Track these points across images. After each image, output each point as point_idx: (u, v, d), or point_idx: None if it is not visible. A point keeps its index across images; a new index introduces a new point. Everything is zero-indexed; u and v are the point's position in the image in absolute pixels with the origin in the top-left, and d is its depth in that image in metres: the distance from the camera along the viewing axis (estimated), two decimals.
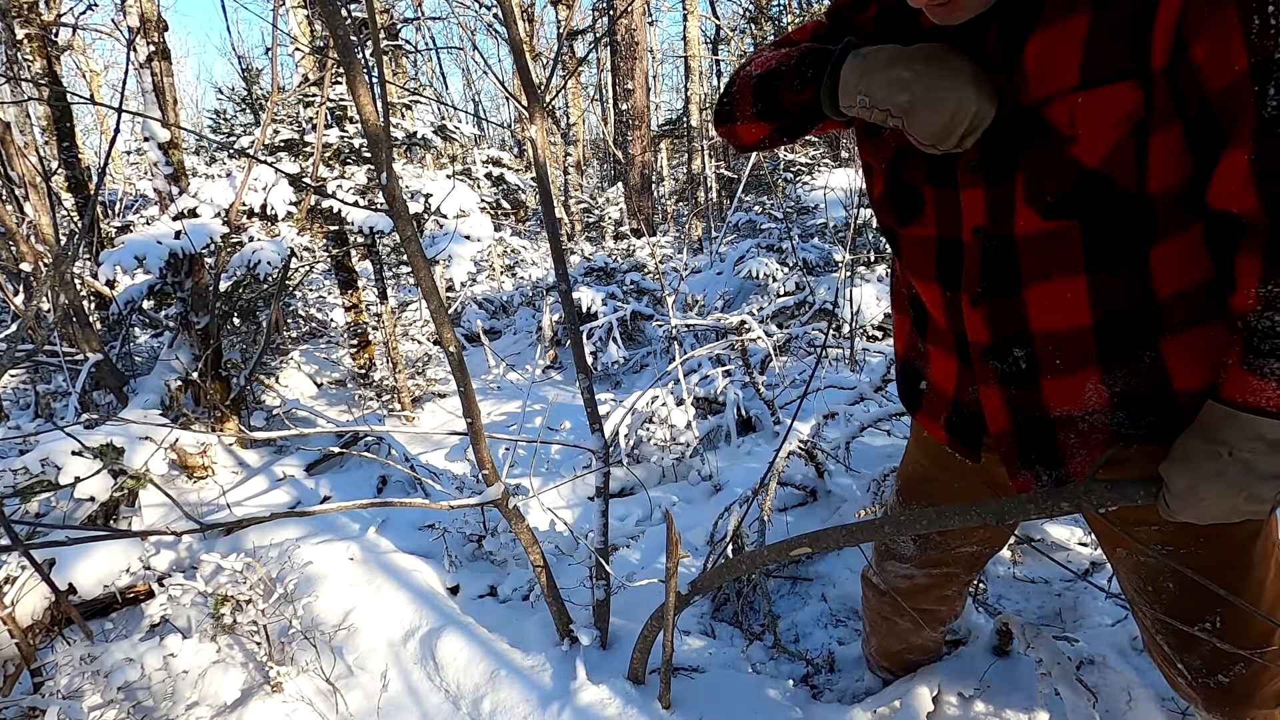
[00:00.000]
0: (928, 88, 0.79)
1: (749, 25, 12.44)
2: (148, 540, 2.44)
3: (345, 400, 5.12)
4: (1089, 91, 0.75)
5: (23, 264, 3.52)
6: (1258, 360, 0.73)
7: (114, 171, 13.41)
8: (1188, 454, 0.79)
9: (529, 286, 7.03)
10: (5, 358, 1.69)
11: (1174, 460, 0.80)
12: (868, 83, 0.84)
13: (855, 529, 1.13)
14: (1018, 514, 0.95)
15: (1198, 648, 0.99)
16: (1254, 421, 0.74)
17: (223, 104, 11.39)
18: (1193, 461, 0.78)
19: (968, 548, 1.25)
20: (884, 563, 1.36)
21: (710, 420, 3.39)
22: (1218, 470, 0.76)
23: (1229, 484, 0.75)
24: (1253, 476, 0.74)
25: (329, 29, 1.36)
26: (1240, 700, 1.00)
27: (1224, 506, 0.77)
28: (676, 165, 16.30)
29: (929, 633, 1.48)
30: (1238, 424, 0.75)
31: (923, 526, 1.05)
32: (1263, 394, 0.73)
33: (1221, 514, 0.78)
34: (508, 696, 1.80)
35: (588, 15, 13.58)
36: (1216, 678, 1.00)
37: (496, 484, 1.71)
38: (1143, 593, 1.03)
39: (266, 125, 3.97)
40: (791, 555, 1.22)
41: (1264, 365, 0.73)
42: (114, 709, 1.66)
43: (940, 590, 1.35)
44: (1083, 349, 0.87)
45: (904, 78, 0.81)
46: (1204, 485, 0.77)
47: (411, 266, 1.49)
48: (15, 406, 4.41)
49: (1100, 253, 0.82)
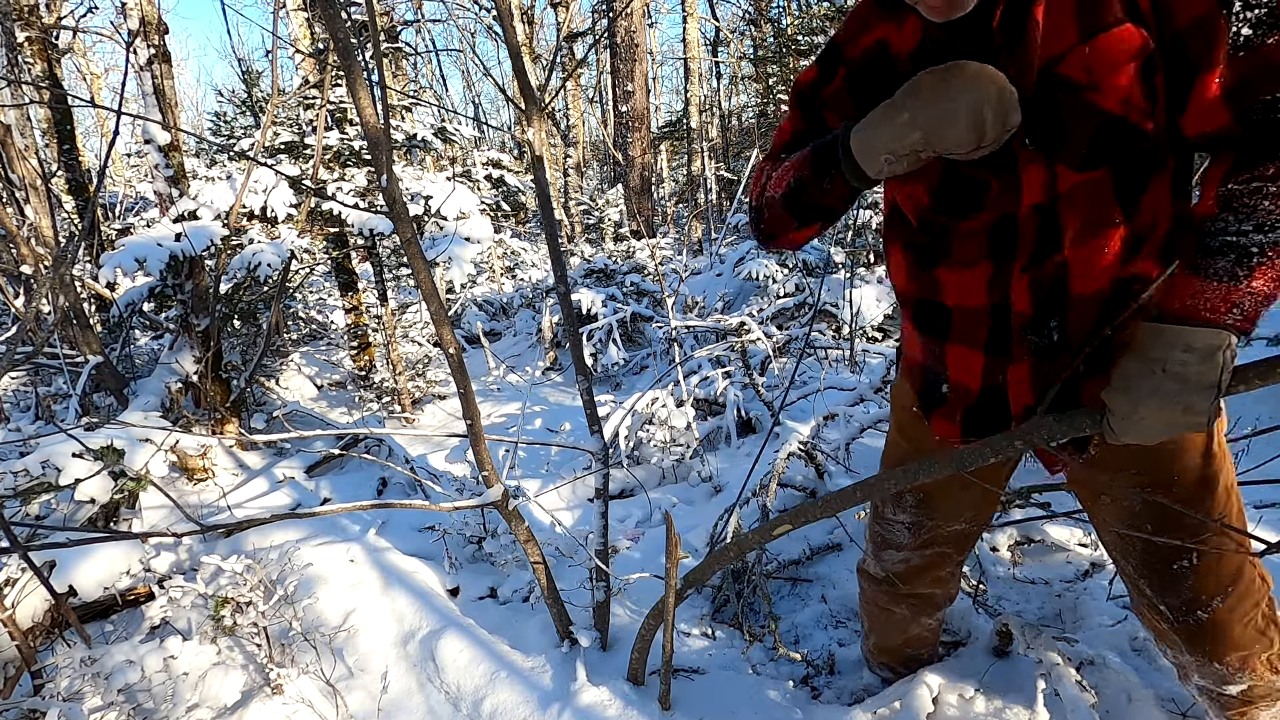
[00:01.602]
0: (930, 114, 0.80)
1: (748, 27, 12.46)
2: (148, 542, 2.44)
3: (345, 402, 5.12)
4: (1091, 40, 0.78)
5: (23, 266, 3.53)
6: (1205, 260, 0.78)
7: (114, 174, 13.42)
8: (1124, 376, 0.82)
9: (529, 288, 7.04)
10: (5, 360, 1.69)
11: (1113, 385, 0.84)
12: (880, 144, 0.85)
13: (829, 500, 1.17)
14: (976, 460, 0.98)
15: (1177, 586, 1.04)
16: (1181, 332, 0.78)
17: (223, 106, 11.42)
18: (1130, 382, 0.81)
19: (957, 525, 1.28)
20: (881, 553, 1.39)
21: (710, 422, 3.39)
22: (1153, 388, 0.79)
23: (1165, 399, 0.79)
24: (1187, 389, 0.77)
25: (329, 31, 1.37)
26: (1221, 637, 1.05)
27: (1163, 422, 0.80)
28: (676, 167, 16.32)
29: (926, 620, 1.50)
30: (1167, 338, 0.79)
31: (891, 486, 1.08)
32: (1201, 296, 0.78)
33: (1162, 430, 0.81)
34: (508, 698, 1.80)
35: (587, 17, 13.60)
36: (1196, 614, 1.04)
37: (496, 485, 1.71)
38: (1127, 539, 1.07)
39: (266, 128, 3.97)
40: (774, 534, 1.24)
41: (1211, 264, 0.77)
42: (114, 711, 1.66)
43: (934, 571, 1.37)
44: (1104, 314, 0.91)
45: (905, 120, 0.81)
46: (1143, 404, 0.80)
47: (412, 268, 1.50)
48: (15, 409, 4.41)
49: (1129, 198, 0.85)
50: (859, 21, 0.98)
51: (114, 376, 3.43)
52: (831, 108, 1.02)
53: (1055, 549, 2.07)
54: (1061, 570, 2.02)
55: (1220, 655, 1.06)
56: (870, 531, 1.41)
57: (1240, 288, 0.77)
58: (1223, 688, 1.10)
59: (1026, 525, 2.10)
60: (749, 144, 11.91)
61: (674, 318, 3.98)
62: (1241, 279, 0.76)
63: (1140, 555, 1.06)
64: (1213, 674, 1.09)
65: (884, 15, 0.95)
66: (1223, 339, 0.77)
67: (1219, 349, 0.77)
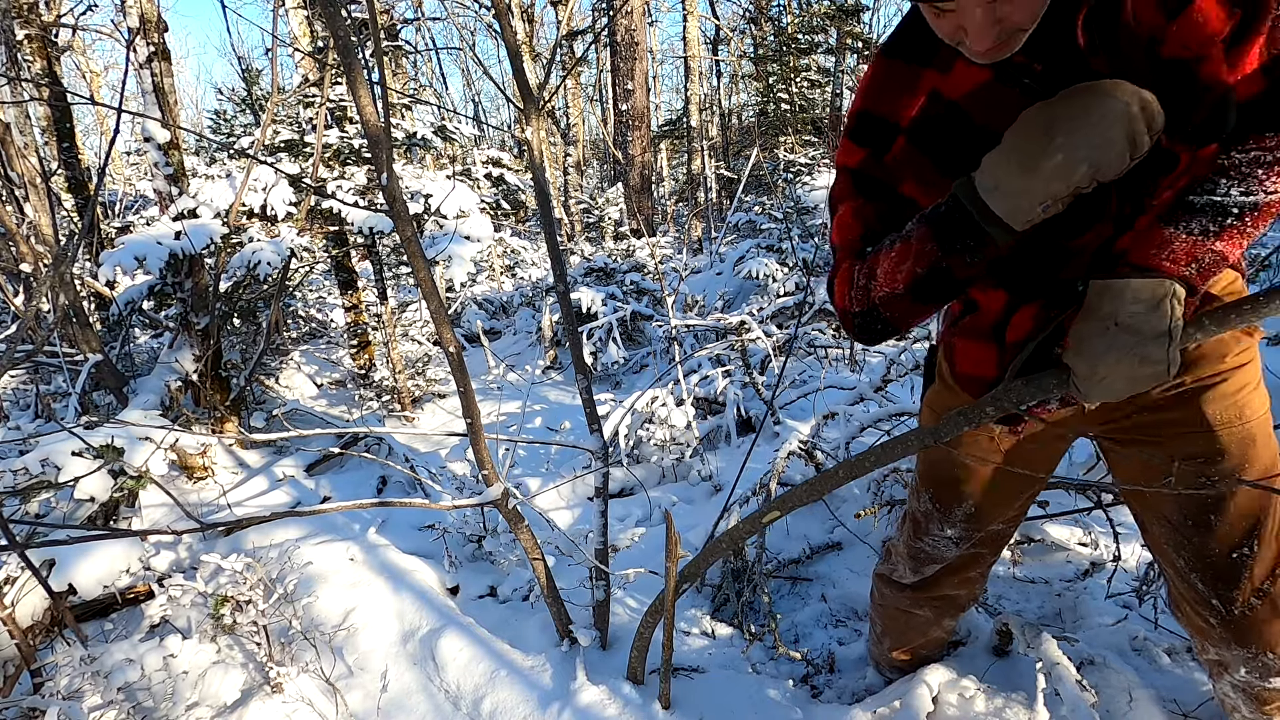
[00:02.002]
0: (1088, 144, 0.72)
1: (748, 25, 12.46)
2: (148, 540, 2.44)
3: (345, 401, 5.12)
4: (1179, 19, 0.76)
5: (23, 264, 3.52)
6: (1183, 215, 0.78)
7: (114, 172, 13.41)
8: (1080, 336, 0.82)
9: (529, 287, 7.04)
10: (5, 358, 1.69)
11: (1070, 348, 0.84)
12: (1037, 193, 0.76)
13: (815, 483, 1.17)
14: (950, 431, 0.98)
15: (1235, 576, 1.03)
16: (1127, 285, 0.78)
17: (223, 104, 11.42)
18: (1086, 341, 0.81)
19: (996, 526, 1.28)
20: (923, 567, 1.38)
21: (710, 420, 3.39)
22: (1108, 344, 0.79)
23: (1121, 353, 0.79)
24: (1141, 339, 0.78)
25: (330, 29, 1.36)
26: (1276, 626, 1.04)
27: (1123, 377, 0.80)
28: (676, 165, 16.32)
29: (949, 621, 1.50)
30: (1114, 291, 0.79)
31: (870, 465, 1.08)
32: (1167, 247, 0.78)
33: (1125, 386, 0.81)
34: (508, 696, 1.80)
35: (587, 15, 13.58)
36: (1250, 603, 1.04)
37: (496, 484, 1.71)
38: (1180, 533, 1.06)
39: (266, 126, 3.97)
40: (764, 521, 1.25)
41: (1187, 220, 0.78)
42: (114, 709, 1.66)
43: (966, 573, 1.37)
44: None
45: (1060, 160, 0.73)
46: (1100, 362, 0.80)
47: (412, 267, 1.49)
48: (15, 407, 4.41)
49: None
50: (894, 83, 0.92)
51: (114, 375, 3.43)
52: (904, 176, 0.94)
53: (1055, 549, 2.07)
54: (1061, 570, 2.02)
55: (1273, 644, 1.06)
56: (909, 549, 1.38)
57: (1206, 243, 0.78)
58: (1268, 680, 1.09)
59: (1026, 525, 2.10)
60: (749, 143, 11.91)
61: (674, 316, 3.98)
62: (1211, 236, 0.77)
63: (1195, 548, 1.05)
64: (1260, 667, 1.08)
65: (919, 69, 0.90)
66: (1168, 287, 0.78)
67: (1165, 297, 0.78)
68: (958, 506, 1.25)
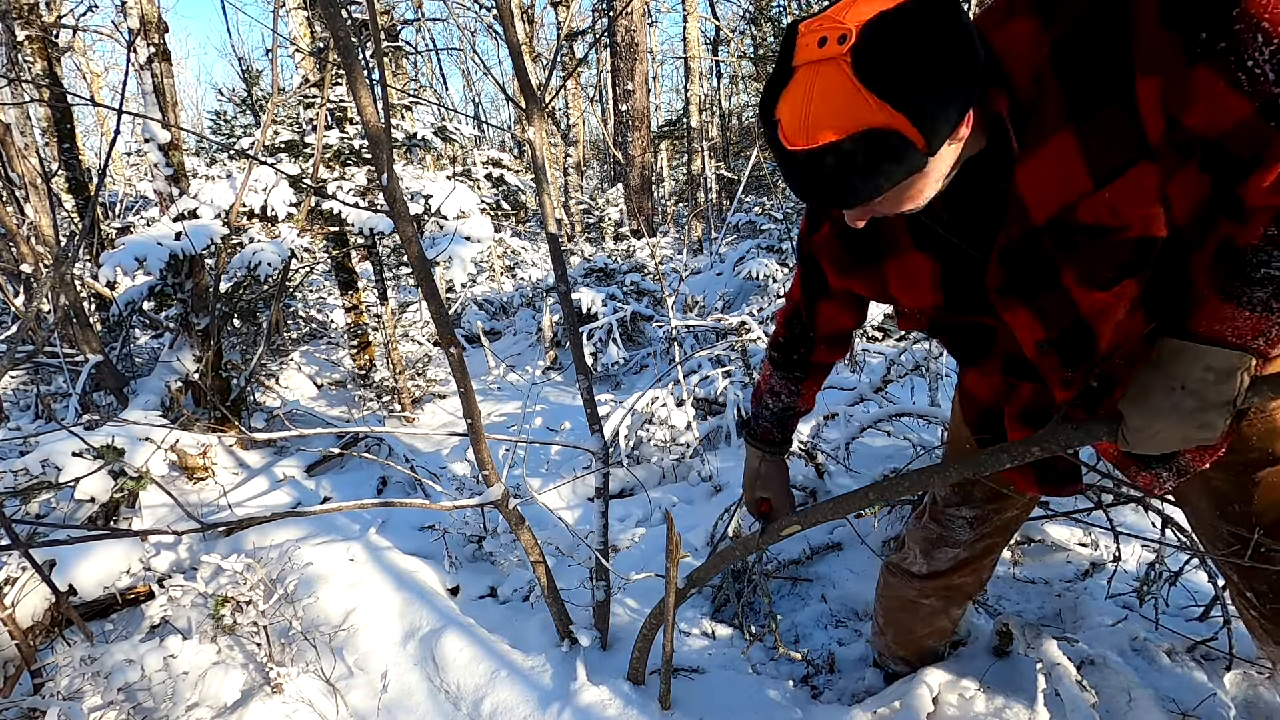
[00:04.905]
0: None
1: (748, 26, 12.45)
2: (148, 541, 2.44)
3: (345, 401, 5.12)
4: (1111, 185, 0.78)
5: (23, 265, 3.52)
6: (1242, 288, 0.77)
7: (114, 173, 13.42)
8: (1143, 390, 0.83)
9: (529, 287, 7.04)
10: (6, 359, 1.69)
11: (1131, 397, 0.84)
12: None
13: (841, 501, 1.17)
14: (992, 465, 1.00)
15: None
16: (1204, 352, 0.78)
17: (223, 105, 11.42)
18: (1148, 397, 0.82)
19: (1013, 511, 1.31)
20: (935, 551, 1.40)
21: (710, 421, 3.39)
22: (1172, 404, 0.80)
23: (1182, 415, 0.80)
24: (1205, 406, 0.79)
25: (330, 30, 1.37)
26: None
27: (1178, 436, 0.82)
28: (676, 166, 16.32)
29: (955, 610, 1.52)
30: (1189, 356, 0.79)
31: (904, 490, 1.09)
32: (1231, 323, 0.78)
33: (1176, 443, 0.82)
34: (508, 697, 1.80)
35: (588, 16, 13.59)
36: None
37: (496, 484, 1.71)
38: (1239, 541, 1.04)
39: (267, 126, 3.97)
40: (783, 535, 1.24)
41: (1248, 294, 0.77)
42: (114, 710, 1.66)
43: (978, 560, 1.39)
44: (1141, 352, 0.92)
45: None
46: (1159, 419, 0.81)
47: (412, 268, 1.49)
48: (15, 408, 4.41)
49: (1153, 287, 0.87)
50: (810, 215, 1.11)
51: (114, 375, 3.43)
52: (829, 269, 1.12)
53: (1055, 549, 2.07)
54: (1061, 570, 2.02)
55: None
56: (922, 532, 1.40)
57: (1271, 318, 0.77)
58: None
59: (1027, 525, 2.10)
60: (749, 143, 11.91)
61: (674, 317, 3.98)
62: (1275, 310, 0.77)
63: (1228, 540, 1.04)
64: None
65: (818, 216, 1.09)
66: (1245, 360, 0.78)
67: (1239, 370, 0.78)
68: (975, 485, 1.27)
